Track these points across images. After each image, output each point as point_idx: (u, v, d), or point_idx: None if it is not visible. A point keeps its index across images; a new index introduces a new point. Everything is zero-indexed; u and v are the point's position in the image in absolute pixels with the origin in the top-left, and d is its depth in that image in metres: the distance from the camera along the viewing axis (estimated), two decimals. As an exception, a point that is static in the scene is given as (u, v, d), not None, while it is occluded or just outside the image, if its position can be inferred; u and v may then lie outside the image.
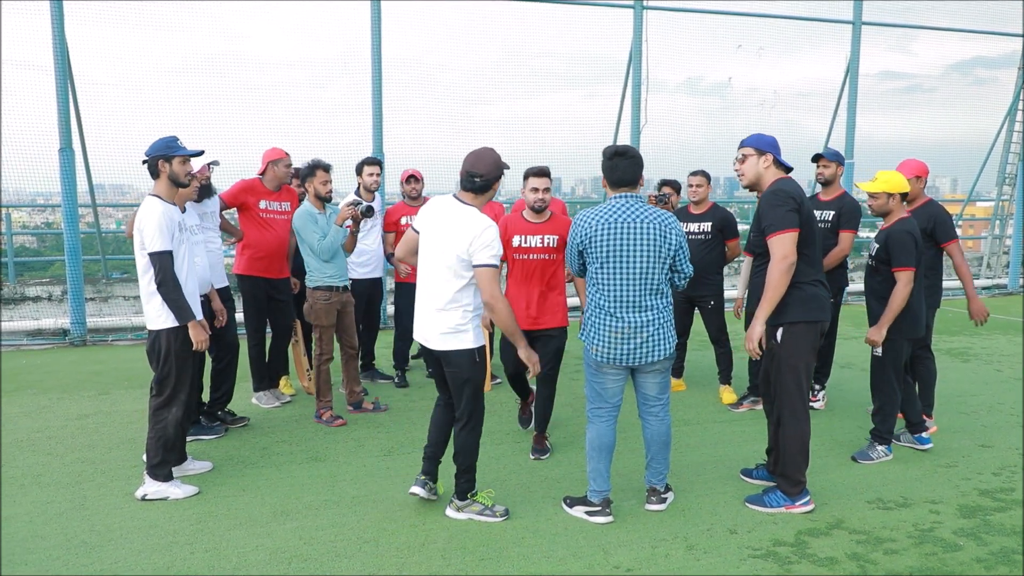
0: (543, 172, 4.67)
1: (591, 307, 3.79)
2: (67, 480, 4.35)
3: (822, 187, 5.63)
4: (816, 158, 5.58)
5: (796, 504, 3.92)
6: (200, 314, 4.21)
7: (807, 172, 5.92)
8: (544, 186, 4.63)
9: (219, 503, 4.04)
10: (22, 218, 14.43)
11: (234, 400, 5.40)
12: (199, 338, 4.08)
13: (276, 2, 10.09)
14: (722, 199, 13.18)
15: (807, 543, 3.58)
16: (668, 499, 4.01)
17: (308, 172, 5.29)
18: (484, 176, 3.61)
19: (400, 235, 6.25)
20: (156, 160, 4.08)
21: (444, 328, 3.66)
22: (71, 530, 3.71)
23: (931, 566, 3.37)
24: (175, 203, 4.22)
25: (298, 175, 5.97)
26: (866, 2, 10.76)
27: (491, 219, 3.64)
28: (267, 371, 5.89)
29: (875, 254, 4.60)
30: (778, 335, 3.86)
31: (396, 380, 6.51)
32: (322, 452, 4.83)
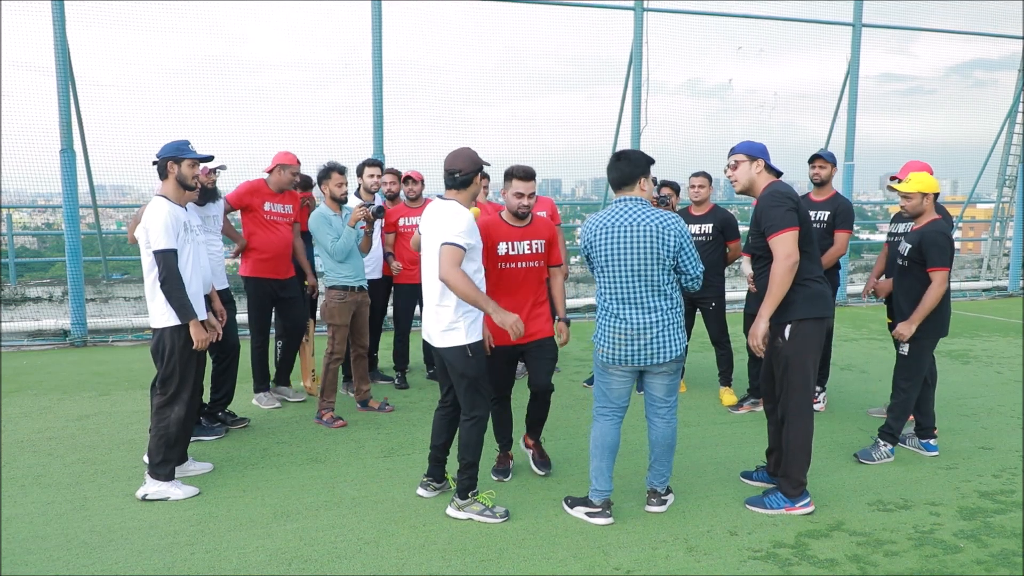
0: (529, 175, 4.13)
1: (599, 309, 3.85)
2: (67, 481, 4.35)
3: (816, 187, 5.65)
4: (813, 159, 5.63)
5: (796, 506, 3.92)
6: (204, 314, 4.23)
7: (803, 174, 5.95)
8: (530, 191, 4.13)
9: (219, 504, 4.04)
10: (23, 219, 14.44)
11: (235, 402, 5.40)
12: (200, 337, 4.10)
13: (277, 2, 10.11)
14: (723, 201, 13.17)
15: (807, 545, 3.58)
16: (668, 501, 4.01)
17: (324, 175, 5.39)
18: (463, 171, 3.78)
19: (400, 236, 6.30)
20: (166, 161, 4.16)
21: (440, 325, 3.79)
22: (71, 531, 3.71)
23: (931, 568, 3.37)
24: (181, 204, 4.25)
25: (302, 183, 6.01)
26: (867, 3, 10.78)
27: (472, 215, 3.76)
28: (284, 369, 5.99)
29: (907, 254, 4.60)
30: (786, 332, 3.87)
31: (396, 382, 6.52)
32: (322, 453, 4.83)
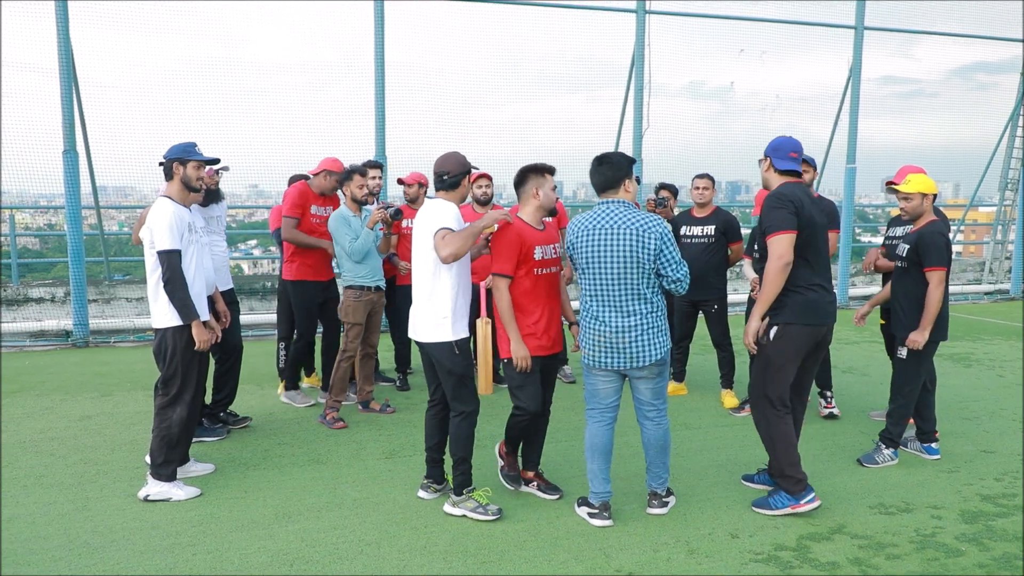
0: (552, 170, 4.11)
1: (581, 311, 3.87)
2: (69, 481, 4.36)
3: None
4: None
5: (802, 502, 3.90)
6: (206, 314, 4.25)
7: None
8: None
9: (221, 505, 4.04)
10: (24, 220, 14.46)
11: (243, 403, 5.41)
12: (202, 338, 4.11)
13: (279, 3, 10.13)
14: (724, 203, 13.18)
15: (809, 547, 3.58)
16: (670, 503, 4.01)
17: (345, 176, 5.47)
18: (450, 174, 3.89)
19: (402, 237, 6.31)
20: (172, 163, 4.19)
21: (426, 320, 3.87)
22: (73, 531, 3.71)
23: (933, 571, 3.37)
24: (186, 205, 4.27)
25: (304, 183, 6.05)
26: (868, 4, 10.78)
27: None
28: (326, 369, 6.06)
29: (906, 255, 4.60)
30: (771, 333, 3.88)
31: (398, 383, 6.53)
32: (324, 455, 4.84)
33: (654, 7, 9.90)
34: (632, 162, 3.84)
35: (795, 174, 3.92)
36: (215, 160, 4.35)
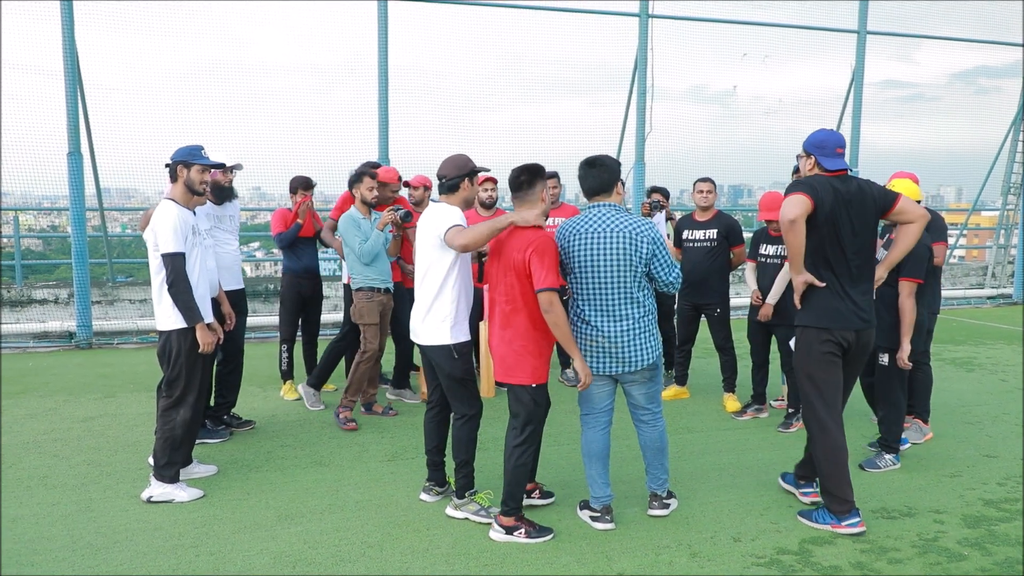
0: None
1: (572, 315, 3.82)
2: (73, 482, 4.37)
3: None
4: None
5: (843, 524, 3.73)
6: (210, 316, 4.26)
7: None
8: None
9: (224, 506, 4.05)
10: (28, 221, 14.50)
11: (249, 403, 5.42)
12: (205, 340, 4.13)
13: (283, 4, 10.16)
14: (726, 207, 13.18)
15: (811, 551, 3.58)
16: (672, 505, 4.01)
17: (355, 178, 5.47)
18: (448, 177, 3.87)
19: (406, 240, 6.32)
20: (177, 165, 4.20)
21: (428, 324, 3.87)
22: (77, 532, 3.72)
23: None
24: (189, 208, 4.28)
25: (302, 183, 6.05)
26: (872, 4, 10.79)
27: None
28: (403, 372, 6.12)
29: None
30: (792, 342, 3.86)
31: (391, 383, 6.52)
32: (326, 457, 4.85)
33: (657, 11, 9.92)
34: (619, 164, 3.87)
35: (837, 171, 3.66)
36: (220, 165, 4.36)
